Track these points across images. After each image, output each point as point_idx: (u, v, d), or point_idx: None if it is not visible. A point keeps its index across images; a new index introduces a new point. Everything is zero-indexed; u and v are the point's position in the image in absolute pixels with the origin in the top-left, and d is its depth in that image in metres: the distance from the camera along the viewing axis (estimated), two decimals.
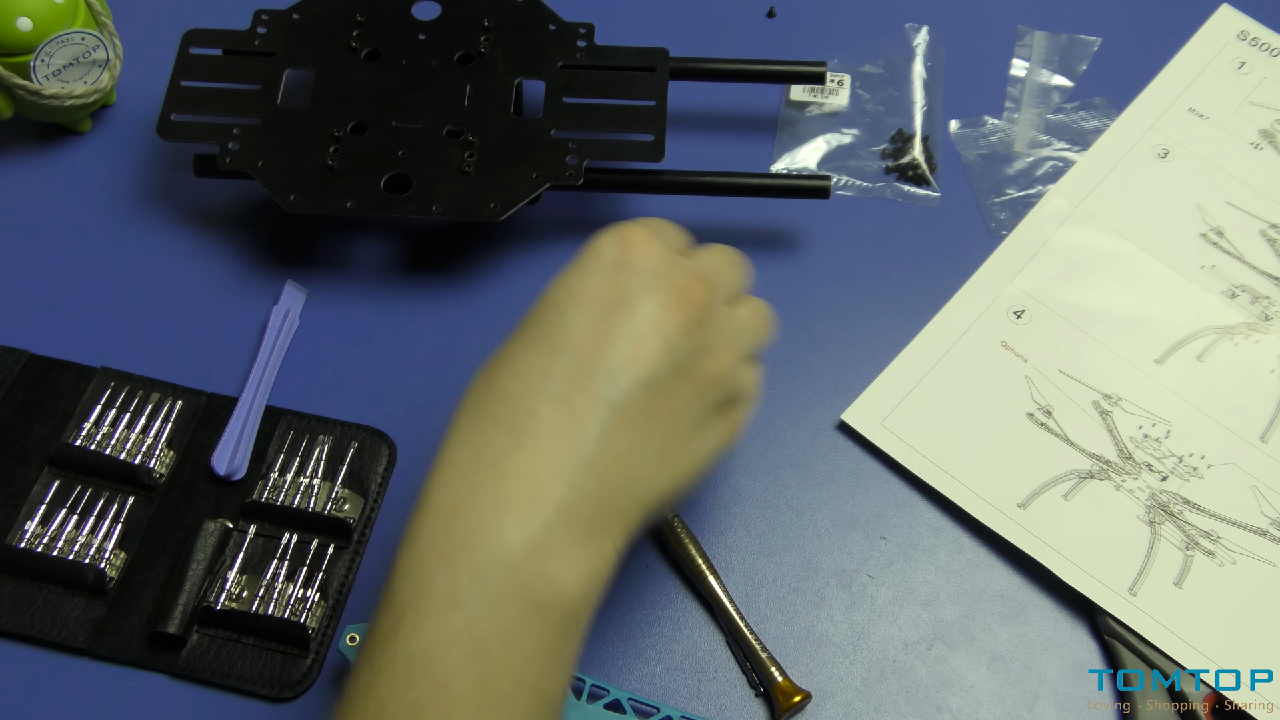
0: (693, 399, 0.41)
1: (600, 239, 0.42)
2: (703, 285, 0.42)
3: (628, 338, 0.40)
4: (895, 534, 0.55)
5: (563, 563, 0.38)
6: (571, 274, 0.42)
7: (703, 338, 0.41)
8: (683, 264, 0.43)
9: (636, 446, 0.40)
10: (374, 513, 0.55)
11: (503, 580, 0.37)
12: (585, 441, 0.39)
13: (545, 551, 0.37)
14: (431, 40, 0.62)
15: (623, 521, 0.40)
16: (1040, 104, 0.67)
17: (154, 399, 0.56)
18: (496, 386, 0.41)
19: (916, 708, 0.51)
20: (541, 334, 0.41)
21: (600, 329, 0.40)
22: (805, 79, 0.63)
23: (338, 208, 0.57)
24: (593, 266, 0.42)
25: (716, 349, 0.42)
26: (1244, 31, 0.69)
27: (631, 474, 0.40)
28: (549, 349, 0.40)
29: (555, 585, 0.37)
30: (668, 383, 0.40)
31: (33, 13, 0.59)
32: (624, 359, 0.40)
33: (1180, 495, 0.55)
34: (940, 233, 0.63)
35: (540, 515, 0.37)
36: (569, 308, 0.41)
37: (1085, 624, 0.53)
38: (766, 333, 0.47)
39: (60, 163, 0.65)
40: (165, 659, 0.51)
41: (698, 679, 0.51)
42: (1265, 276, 0.61)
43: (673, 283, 0.41)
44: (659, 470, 0.41)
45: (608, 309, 0.40)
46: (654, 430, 0.40)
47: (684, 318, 0.41)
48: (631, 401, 0.40)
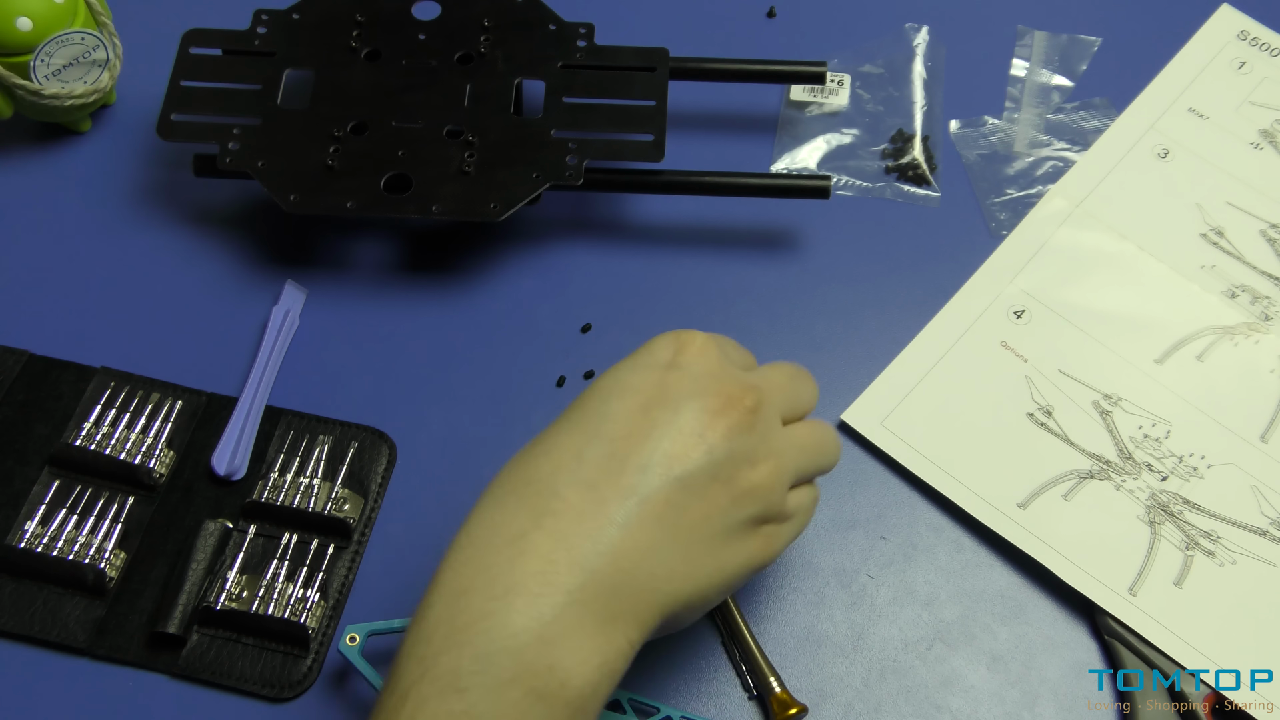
0: (728, 505, 0.40)
1: (658, 339, 0.42)
2: (753, 394, 0.41)
3: (667, 433, 0.39)
4: (895, 534, 0.55)
5: (571, 652, 0.36)
6: (623, 367, 0.42)
7: (746, 445, 0.40)
8: (735, 373, 0.42)
9: (661, 541, 0.39)
10: (374, 513, 0.55)
11: (507, 667, 0.36)
12: (608, 529, 0.38)
13: (554, 639, 0.36)
14: (431, 40, 0.62)
15: (640, 616, 0.38)
16: (1040, 104, 0.67)
17: (154, 399, 0.56)
18: (527, 465, 0.40)
19: (916, 708, 0.51)
20: (582, 419, 0.40)
21: (640, 421, 0.40)
22: (805, 79, 0.63)
23: (338, 208, 0.57)
24: (646, 363, 0.42)
25: (760, 461, 0.41)
26: (1244, 31, 0.69)
27: (652, 569, 0.38)
28: (586, 434, 0.40)
29: (561, 674, 0.36)
30: (702, 484, 0.39)
31: (33, 13, 0.59)
32: (660, 454, 0.39)
33: (1180, 495, 0.55)
34: (940, 233, 0.63)
35: (551, 600, 0.36)
36: (613, 397, 0.41)
37: (1085, 624, 0.53)
38: (826, 458, 0.46)
39: (60, 163, 0.65)
40: (165, 659, 0.51)
41: (698, 679, 0.51)
42: (1265, 276, 0.61)
43: (721, 387, 0.41)
44: (683, 570, 0.39)
45: (651, 404, 0.40)
46: (682, 529, 0.39)
47: (728, 423, 0.40)
48: (662, 496, 0.39)
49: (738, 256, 0.62)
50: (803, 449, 0.44)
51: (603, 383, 0.42)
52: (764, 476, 0.41)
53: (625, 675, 0.51)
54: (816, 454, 0.45)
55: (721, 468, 0.40)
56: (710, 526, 0.40)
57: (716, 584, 0.41)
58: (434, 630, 0.37)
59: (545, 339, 0.60)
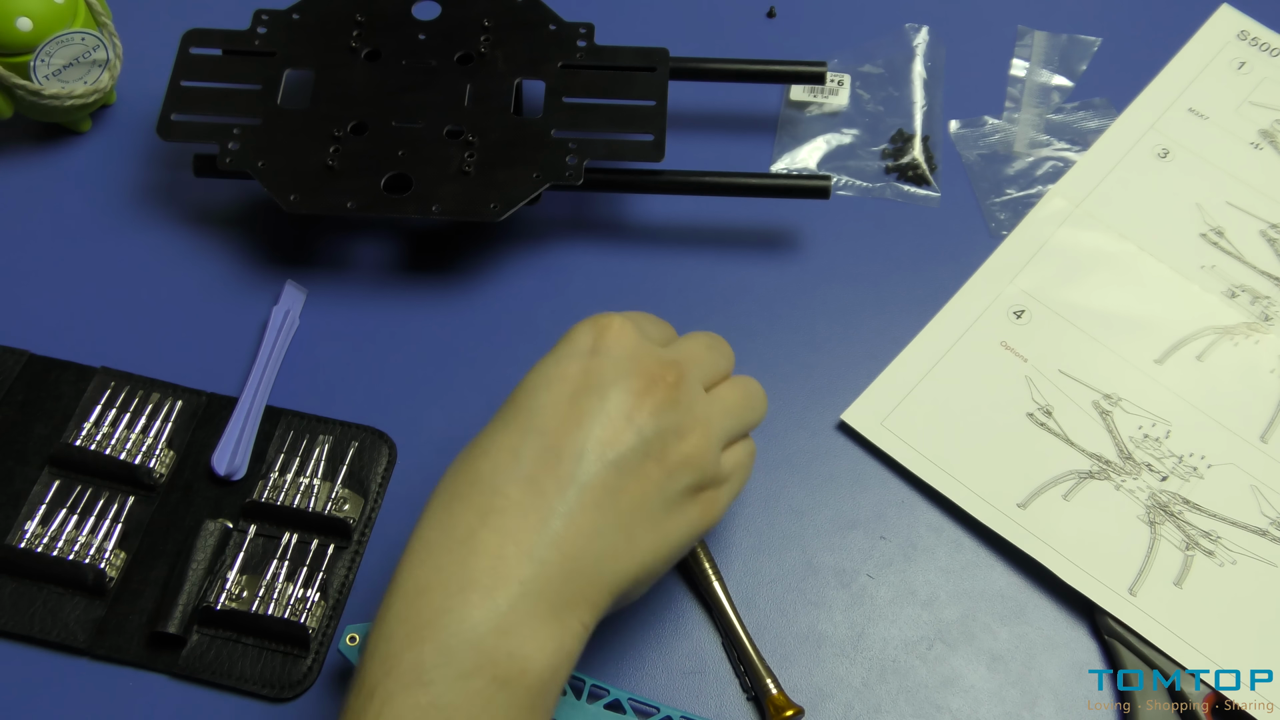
0: (663, 480, 0.42)
1: (578, 327, 0.44)
2: (674, 370, 0.43)
3: (597, 420, 0.41)
4: (895, 534, 0.55)
5: (528, 639, 0.38)
6: (547, 360, 0.43)
7: (673, 420, 0.42)
8: (655, 351, 0.44)
9: (603, 525, 0.40)
10: (374, 513, 0.55)
11: (468, 658, 0.37)
12: (551, 520, 0.39)
13: (510, 628, 0.38)
14: (431, 40, 0.62)
15: (591, 598, 0.40)
16: (1040, 104, 0.67)
17: (154, 399, 0.56)
18: (468, 467, 0.42)
19: (916, 708, 0.51)
20: (514, 416, 0.42)
21: (570, 411, 0.41)
22: (805, 79, 0.63)
23: (338, 208, 0.57)
24: (568, 352, 0.43)
25: (688, 432, 0.43)
26: (1244, 31, 0.69)
27: (598, 552, 0.40)
28: (519, 430, 0.41)
29: (521, 661, 0.38)
30: (636, 464, 0.41)
31: (33, 13, 0.59)
32: (593, 440, 0.41)
33: (1180, 495, 0.55)
34: (940, 233, 0.63)
35: (505, 592, 0.38)
36: (541, 390, 0.42)
37: (1085, 624, 0.53)
38: (754, 413, 0.48)
39: (60, 163, 0.65)
40: (165, 659, 0.51)
41: (697, 679, 0.51)
42: (1265, 276, 0.61)
43: (642, 368, 0.42)
44: (626, 549, 0.41)
45: (578, 392, 0.42)
46: (621, 509, 0.41)
47: (653, 401, 0.42)
48: (599, 481, 0.40)
49: (738, 256, 0.62)
50: (728, 411, 0.46)
51: (530, 378, 0.43)
52: (694, 446, 0.43)
53: (625, 675, 0.51)
54: (743, 412, 0.47)
55: (652, 445, 0.41)
56: (649, 504, 0.42)
57: (663, 556, 0.43)
58: (395, 629, 0.38)
59: (545, 339, 0.59)
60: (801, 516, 0.55)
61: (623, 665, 0.51)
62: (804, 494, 0.56)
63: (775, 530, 0.55)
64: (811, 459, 0.56)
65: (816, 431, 0.57)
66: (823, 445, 0.57)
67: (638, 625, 0.52)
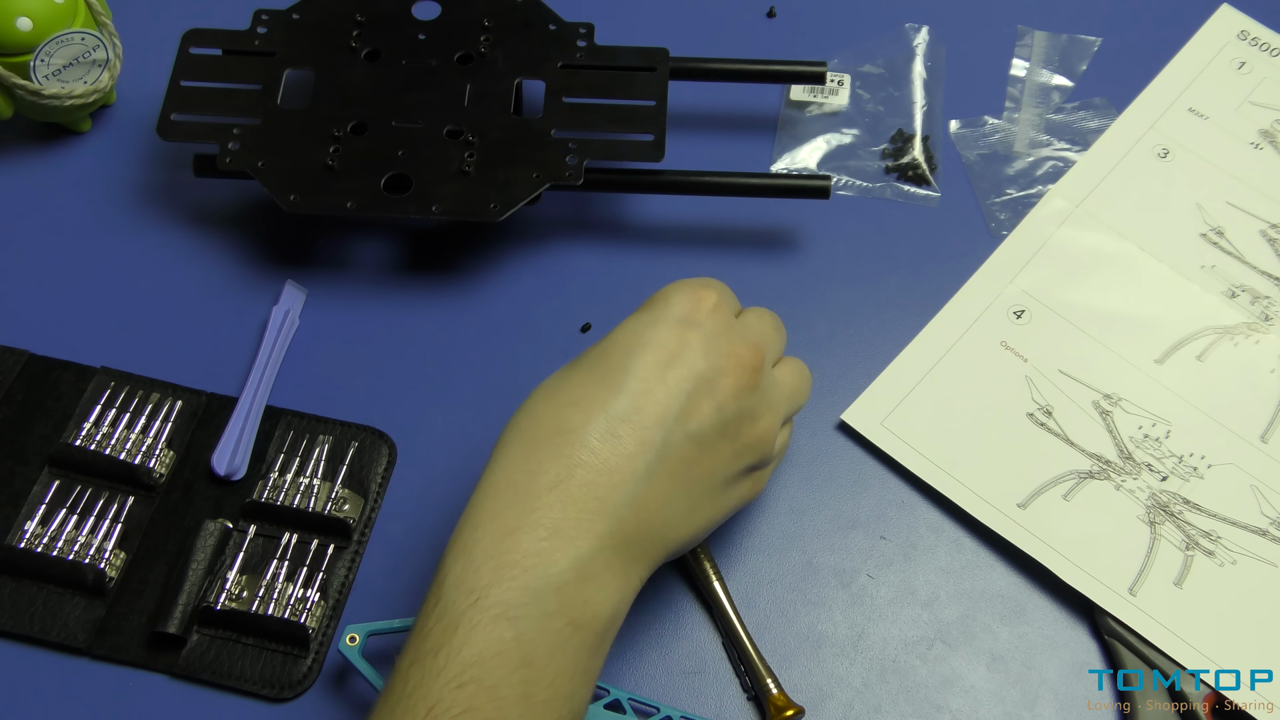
0: (731, 458, 0.45)
1: (674, 292, 0.46)
2: (758, 354, 0.45)
3: (684, 393, 0.43)
4: (895, 534, 0.55)
5: (600, 588, 0.41)
6: (642, 320, 0.45)
7: (750, 403, 0.45)
8: (741, 332, 0.46)
9: (673, 493, 0.43)
10: (374, 513, 0.55)
11: (552, 600, 0.40)
12: (632, 481, 0.42)
13: (588, 577, 0.41)
14: (431, 40, 0.62)
15: (651, 556, 0.43)
16: (1040, 104, 0.67)
17: (154, 399, 0.56)
18: (555, 414, 0.43)
19: (916, 708, 0.51)
20: (606, 372, 0.44)
21: (660, 379, 0.43)
22: (805, 79, 0.63)
23: (338, 208, 0.57)
24: (664, 317, 0.45)
25: (761, 416, 0.45)
26: (1244, 31, 0.69)
27: (665, 517, 0.43)
28: (611, 388, 0.43)
29: (593, 607, 0.41)
30: (713, 440, 0.44)
31: (33, 13, 0.59)
32: (678, 412, 0.43)
33: (1180, 495, 0.55)
34: (940, 233, 0.63)
35: (587, 544, 0.41)
36: (635, 353, 0.44)
37: (1085, 624, 0.53)
38: (805, 396, 0.51)
39: (60, 163, 0.65)
40: (165, 659, 0.51)
41: (697, 679, 0.51)
42: (1265, 276, 0.61)
43: (732, 348, 0.45)
44: (688, 517, 0.44)
45: (670, 361, 0.43)
46: (691, 480, 0.44)
47: (738, 384, 0.44)
48: (679, 453, 0.43)
49: (738, 256, 0.62)
50: (791, 393, 0.49)
51: (624, 335, 0.45)
52: (763, 429, 0.46)
53: (625, 675, 0.51)
54: (798, 396, 0.50)
55: (729, 425, 0.44)
56: (715, 478, 0.45)
57: (713, 525, 0.46)
58: (482, 564, 0.40)
59: (545, 339, 0.60)
60: (801, 516, 0.55)
61: (623, 665, 0.51)
62: (804, 494, 0.56)
63: (775, 530, 0.55)
64: (811, 459, 0.56)
65: (816, 431, 0.57)
66: (823, 445, 0.57)
67: (638, 625, 0.52)
